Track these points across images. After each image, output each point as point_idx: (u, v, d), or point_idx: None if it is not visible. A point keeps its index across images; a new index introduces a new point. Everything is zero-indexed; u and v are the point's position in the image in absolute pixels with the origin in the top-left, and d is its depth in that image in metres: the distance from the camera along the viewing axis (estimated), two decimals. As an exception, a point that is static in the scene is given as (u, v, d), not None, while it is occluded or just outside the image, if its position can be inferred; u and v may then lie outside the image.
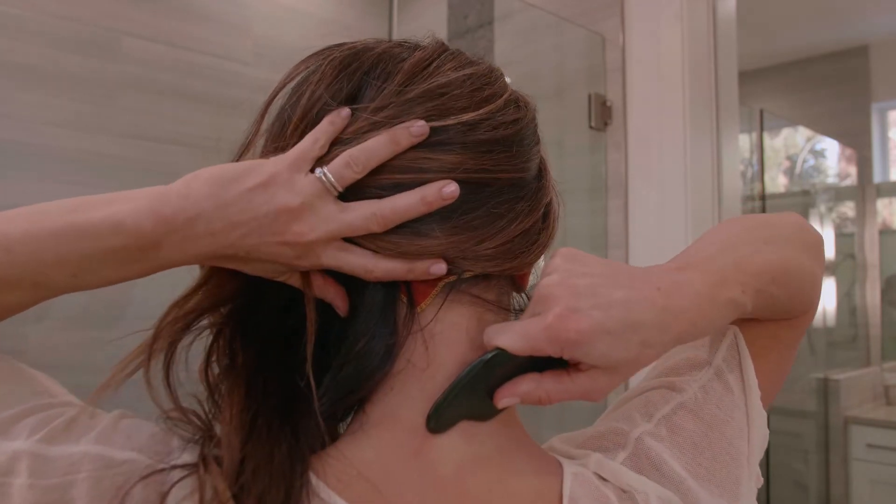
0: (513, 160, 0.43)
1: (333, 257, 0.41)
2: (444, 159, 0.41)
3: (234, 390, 0.41)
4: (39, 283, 0.39)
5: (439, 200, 0.40)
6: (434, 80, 0.42)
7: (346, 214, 0.40)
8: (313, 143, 0.40)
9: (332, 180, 0.40)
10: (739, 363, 0.50)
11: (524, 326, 0.39)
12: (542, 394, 0.40)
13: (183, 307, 0.42)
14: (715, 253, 0.45)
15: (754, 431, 0.48)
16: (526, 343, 0.38)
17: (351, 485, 0.38)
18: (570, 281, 0.39)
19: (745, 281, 0.44)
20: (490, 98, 0.43)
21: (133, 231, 0.38)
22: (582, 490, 0.41)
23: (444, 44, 0.46)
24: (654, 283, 0.40)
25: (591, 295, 0.38)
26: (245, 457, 0.37)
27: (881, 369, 2.98)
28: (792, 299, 0.49)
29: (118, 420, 0.39)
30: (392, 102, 0.41)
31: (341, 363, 0.41)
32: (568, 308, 0.38)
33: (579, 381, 0.40)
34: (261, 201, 0.38)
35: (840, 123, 3.26)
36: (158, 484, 0.36)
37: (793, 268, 0.48)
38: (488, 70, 0.45)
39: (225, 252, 0.39)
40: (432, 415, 0.40)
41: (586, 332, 0.37)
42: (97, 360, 0.98)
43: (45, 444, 0.36)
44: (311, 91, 0.43)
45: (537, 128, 0.47)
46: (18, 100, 1.05)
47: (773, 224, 0.51)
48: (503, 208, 0.42)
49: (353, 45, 0.45)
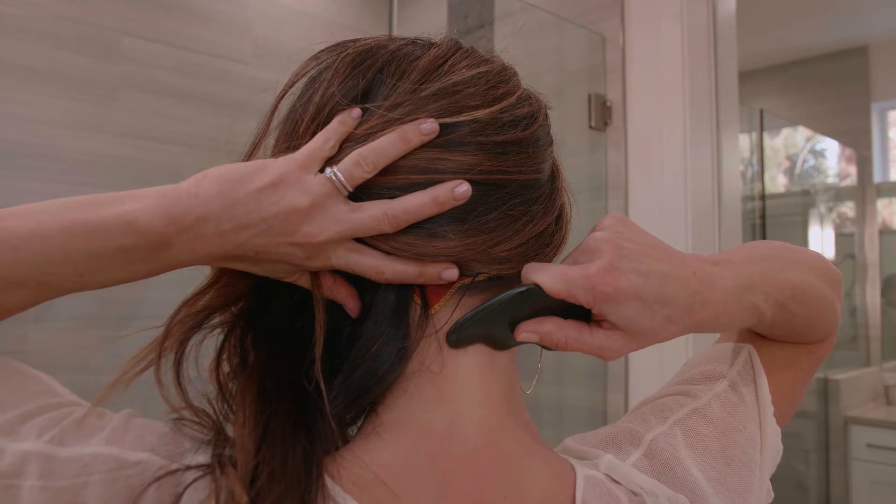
0: (528, 161, 0.43)
1: (344, 258, 0.40)
2: (459, 160, 0.40)
3: (246, 391, 0.40)
4: (45, 282, 0.39)
5: (451, 201, 0.40)
6: (449, 77, 0.42)
7: (357, 214, 0.39)
8: (324, 143, 0.40)
9: (343, 180, 0.39)
10: (754, 378, 0.51)
11: (565, 271, 0.40)
12: (562, 338, 0.41)
13: (194, 305, 0.42)
14: (745, 259, 0.47)
15: (767, 444, 0.48)
16: (563, 286, 0.39)
17: (367, 489, 0.38)
18: (618, 241, 0.40)
19: (769, 291, 0.46)
20: (504, 96, 0.43)
21: (144, 229, 0.37)
22: (594, 493, 0.42)
23: (458, 42, 0.45)
24: (692, 268, 0.42)
25: (635, 259, 0.40)
26: (259, 461, 0.36)
27: (881, 369, 2.99)
28: (810, 321, 0.51)
29: (128, 420, 0.39)
30: (407, 100, 0.41)
31: (354, 365, 0.41)
32: (611, 264, 0.39)
33: (598, 336, 0.41)
34: (270, 202, 0.38)
35: (840, 123, 3.26)
36: (172, 485, 0.36)
37: (813, 291, 0.50)
38: (502, 68, 0.45)
39: (234, 253, 0.39)
40: (454, 329, 0.41)
41: (622, 291, 0.39)
42: (98, 361, 0.99)
43: (56, 445, 0.36)
44: (325, 88, 0.42)
45: (550, 128, 0.47)
46: (18, 100, 1.05)
47: (798, 251, 0.53)
48: (519, 210, 0.42)
49: (366, 41, 0.44)
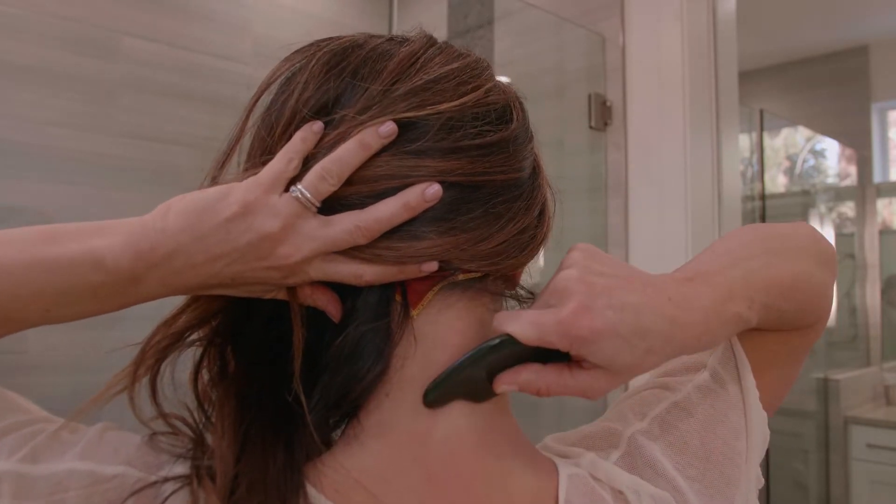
0: (509, 160, 0.42)
1: (321, 270, 0.39)
2: (434, 165, 0.39)
3: (225, 400, 0.40)
4: (11, 317, 0.38)
5: (422, 203, 0.39)
6: (419, 77, 0.41)
7: (329, 230, 0.38)
8: (287, 164, 0.38)
9: (309, 196, 0.38)
10: (736, 365, 0.50)
11: (537, 317, 0.38)
12: (542, 385, 0.40)
13: (171, 326, 0.41)
14: (726, 264, 0.45)
15: (753, 431, 0.47)
16: (536, 333, 0.38)
17: (349, 495, 0.38)
18: (588, 278, 0.39)
19: (752, 296, 0.45)
20: (472, 90, 0.42)
21: (112, 267, 0.37)
22: (577, 491, 0.42)
23: (431, 38, 0.44)
24: (667, 293, 0.41)
25: (607, 295, 0.38)
26: (239, 472, 0.36)
27: (881, 369, 2.98)
28: (801, 312, 0.49)
29: (102, 433, 0.38)
30: (376, 103, 0.40)
31: (334, 370, 0.40)
32: (583, 305, 0.38)
33: (580, 377, 0.40)
34: (239, 231, 0.37)
35: (840, 123, 3.25)
36: (150, 497, 0.35)
37: (803, 281, 0.48)
38: (474, 62, 0.44)
39: (210, 282, 0.38)
40: (431, 390, 0.40)
41: (598, 332, 0.37)
42: (97, 361, 0.98)
43: (28, 463, 0.35)
44: (299, 93, 0.41)
45: (528, 122, 0.46)
46: (18, 100, 1.05)
47: (785, 235, 0.51)
48: (500, 208, 0.42)
49: (341, 41, 0.43)
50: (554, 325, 0.38)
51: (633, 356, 0.39)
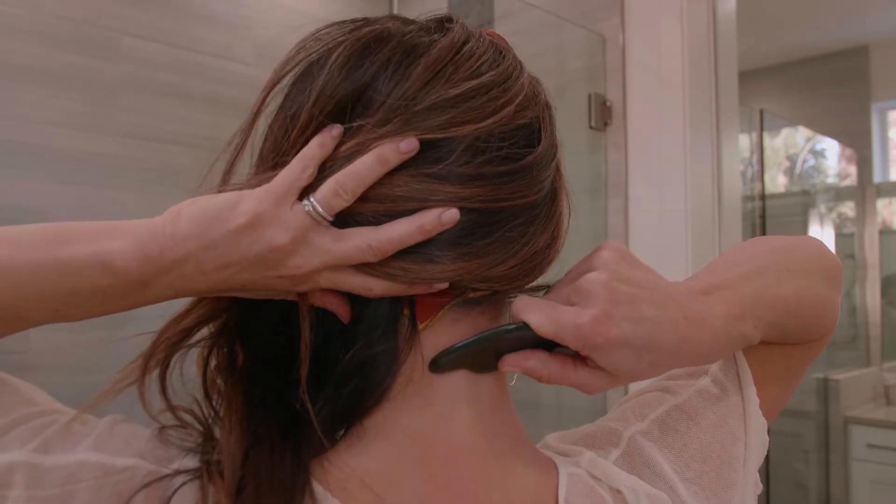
0: (531, 185, 0.41)
1: (330, 280, 0.39)
2: (452, 191, 0.38)
3: (233, 397, 0.40)
4: (20, 315, 0.38)
5: (438, 227, 0.38)
6: (445, 90, 0.39)
7: (341, 245, 0.38)
8: (302, 171, 0.37)
9: (321, 211, 0.37)
10: (737, 373, 0.50)
11: (557, 315, 0.39)
12: (545, 373, 0.41)
13: (181, 322, 0.41)
14: (740, 276, 0.46)
15: (752, 438, 0.48)
16: (553, 330, 0.39)
17: (355, 494, 0.38)
18: (613, 284, 0.39)
19: (760, 315, 0.46)
20: (503, 105, 0.40)
21: (121, 271, 0.36)
22: (576, 491, 0.42)
23: (463, 30, 0.42)
24: (684, 310, 0.41)
25: (628, 305, 0.39)
26: (246, 473, 0.36)
27: (881, 369, 2.98)
28: (805, 328, 0.50)
29: (113, 425, 0.38)
30: (398, 115, 0.38)
31: (341, 381, 0.40)
32: (604, 313, 0.38)
33: (582, 373, 0.41)
34: (249, 242, 0.36)
35: (840, 123, 3.25)
36: (161, 490, 0.35)
37: (809, 298, 0.49)
38: (507, 69, 0.42)
39: (219, 287, 0.38)
40: (439, 359, 0.41)
41: (612, 342, 0.38)
42: (100, 361, 0.99)
43: (41, 453, 0.36)
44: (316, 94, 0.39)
45: (555, 135, 0.44)
46: (18, 100, 1.05)
47: (795, 248, 0.51)
48: (516, 231, 0.41)
49: (363, 31, 0.41)
50: (572, 328, 0.38)
51: (637, 366, 0.40)
